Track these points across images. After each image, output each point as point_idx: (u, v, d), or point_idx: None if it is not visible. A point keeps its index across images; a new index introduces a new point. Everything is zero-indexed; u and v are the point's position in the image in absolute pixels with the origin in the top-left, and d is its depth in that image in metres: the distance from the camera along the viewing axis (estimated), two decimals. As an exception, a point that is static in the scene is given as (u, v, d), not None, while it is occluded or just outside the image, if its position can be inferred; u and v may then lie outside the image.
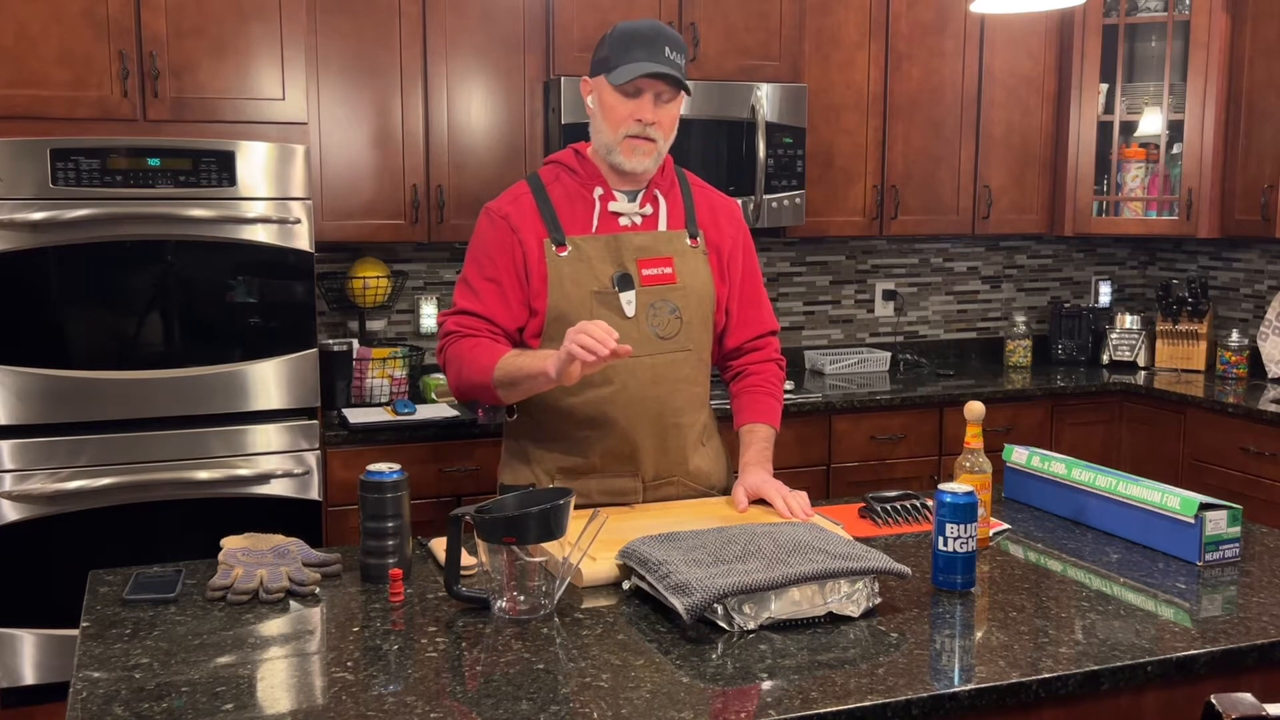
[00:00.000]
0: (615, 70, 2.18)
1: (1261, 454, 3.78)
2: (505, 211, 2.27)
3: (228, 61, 3.27)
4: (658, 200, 2.31)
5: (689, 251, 2.31)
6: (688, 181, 2.39)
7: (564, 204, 2.27)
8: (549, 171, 2.33)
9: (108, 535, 3.18)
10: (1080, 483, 2.30)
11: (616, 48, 2.19)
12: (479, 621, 1.78)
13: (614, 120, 2.21)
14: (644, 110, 2.19)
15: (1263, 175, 4.14)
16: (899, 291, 4.75)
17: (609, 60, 2.20)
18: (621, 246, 2.26)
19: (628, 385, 2.25)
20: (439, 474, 3.50)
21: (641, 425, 2.28)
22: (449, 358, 2.26)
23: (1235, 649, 1.70)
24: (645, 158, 2.23)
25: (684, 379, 2.32)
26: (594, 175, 2.29)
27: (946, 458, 4.06)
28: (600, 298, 2.23)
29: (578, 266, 2.23)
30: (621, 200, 2.28)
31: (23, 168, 3.03)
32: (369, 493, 1.93)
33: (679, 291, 2.29)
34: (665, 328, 2.27)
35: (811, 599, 1.74)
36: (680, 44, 2.22)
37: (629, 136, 2.20)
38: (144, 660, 1.63)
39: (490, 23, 3.70)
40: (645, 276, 2.26)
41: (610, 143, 2.23)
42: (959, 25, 4.31)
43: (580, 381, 2.22)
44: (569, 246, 2.24)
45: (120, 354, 3.18)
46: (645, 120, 2.20)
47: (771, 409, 2.40)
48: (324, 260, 3.82)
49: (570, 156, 2.33)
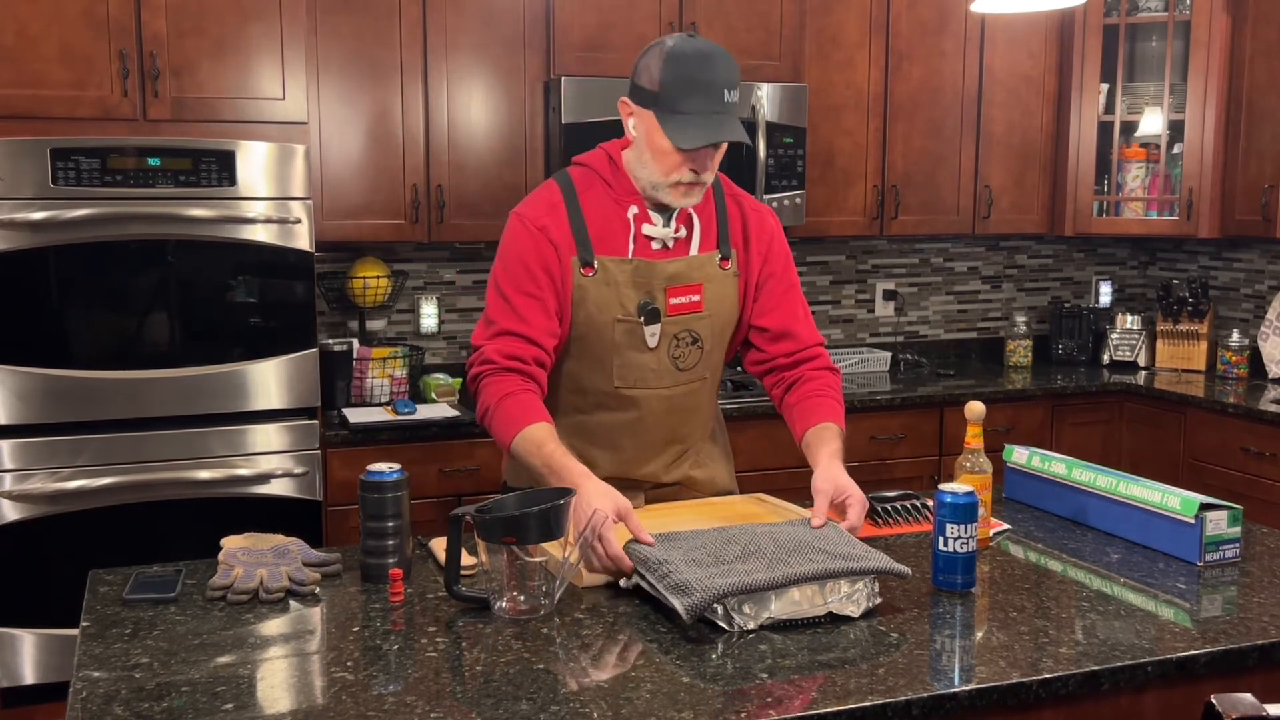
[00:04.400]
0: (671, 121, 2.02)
1: (1262, 454, 3.78)
2: (543, 223, 2.12)
3: (228, 61, 3.27)
4: (692, 220, 2.19)
5: (719, 276, 2.21)
6: (724, 192, 2.26)
7: (596, 220, 2.14)
8: (581, 177, 2.18)
9: (108, 535, 3.18)
10: (1080, 483, 2.30)
11: (668, 84, 2.01)
12: (479, 621, 1.77)
13: (665, 166, 2.06)
14: (701, 162, 2.06)
15: (1263, 175, 4.14)
16: (899, 291, 4.75)
17: (659, 98, 2.02)
18: (652, 274, 2.15)
19: (644, 416, 2.21)
20: (439, 474, 3.50)
21: (652, 449, 2.25)
22: (482, 391, 2.10)
23: (1235, 649, 1.69)
24: (695, 199, 2.13)
25: (696, 408, 2.28)
26: (628, 191, 2.15)
27: (947, 458, 4.06)
28: (624, 327, 2.15)
29: (604, 291, 2.13)
30: (657, 223, 2.16)
31: (23, 167, 3.03)
32: (369, 493, 1.93)
33: (704, 320, 2.21)
34: (685, 359, 2.21)
35: (811, 599, 1.74)
36: (735, 77, 2.05)
37: (681, 183, 2.08)
38: (144, 660, 1.63)
39: (490, 22, 3.70)
40: (672, 306, 2.17)
41: (658, 183, 2.09)
42: (959, 25, 4.31)
43: (597, 406, 2.21)
44: (596, 268, 2.12)
45: (120, 354, 3.18)
46: (700, 171, 2.08)
47: (837, 412, 2.21)
48: (324, 260, 3.82)
49: (604, 164, 2.17)
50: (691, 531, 1.92)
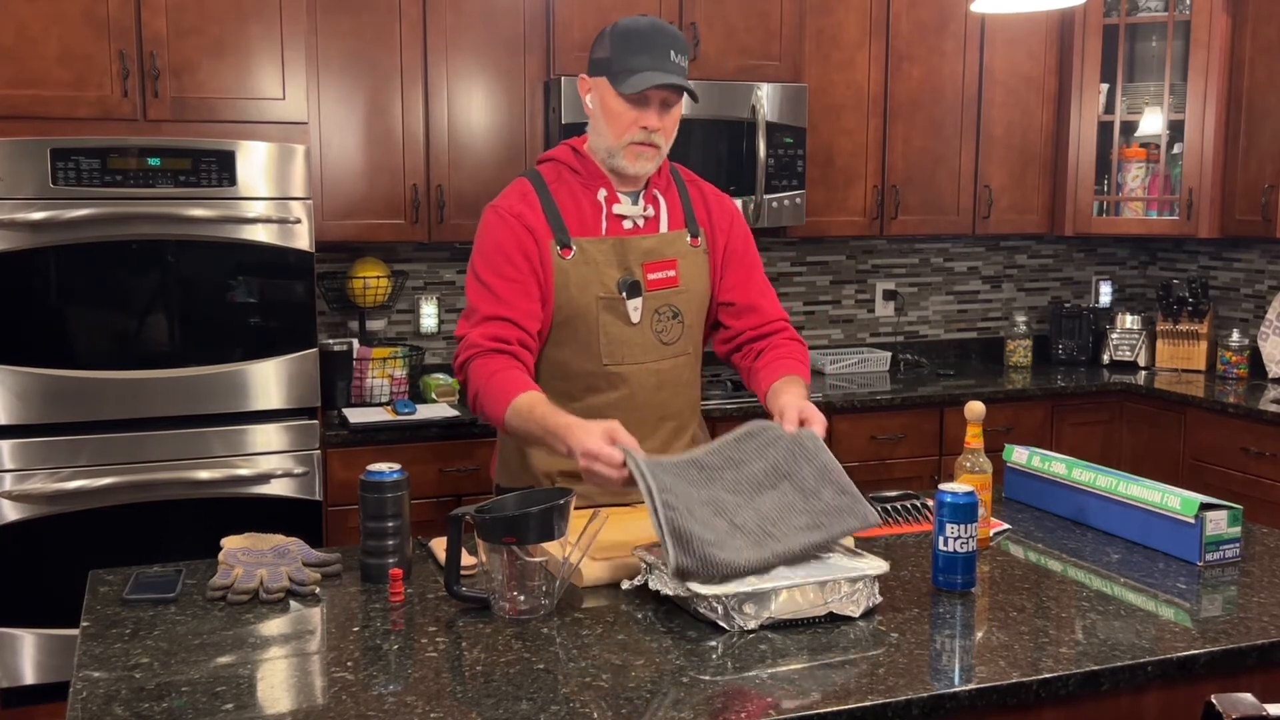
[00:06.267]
0: (621, 78, 2.14)
1: (1262, 454, 3.78)
2: (518, 210, 2.20)
3: (228, 61, 3.27)
4: (658, 200, 2.29)
5: (691, 252, 2.30)
6: (682, 178, 2.37)
7: (569, 205, 2.24)
8: (549, 170, 2.28)
9: (108, 535, 3.18)
10: (1080, 483, 2.30)
11: (619, 50, 2.14)
12: (479, 621, 1.78)
13: (618, 127, 2.17)
14: (650, 118, 2.16)
15: (1263, 175, 4.14)
16: (899, 291, 4.75)
17: (611, 63, 2.15)
18: (628, 250, 2.24)
19: (634, 392, 2.26)
20: (439, 474, 3.50)
21: (644, 428, 2.26)
22: (470, 375, 2.16)
23: (1235, 649, 1.70)
24: (649, 163, 2.21)
25: (684, 382, 2.33)
26: (596, 175, 2.25)
27: (947, 458, 4.06)
28: (606, 304, 2.22)
29: (584, 271, 2.21)
30: (626, 202, 2.26)
31: (23, 168, 3.03)
32: (369, 493, 1.93)
33: (682, 295, 2.28)
34: (668, 333, 2.28)
35: (812, 599, 1.74)
36: (683, 43, 2.17)
37: (634, 143, 2.18)
38: (144, 660, 1.63)
39: (490, 22, 3.70)
40: (651, 281, 2.24)
41: (613, 147, 2.19)
42: (959, 25, 4.31)
43: (586, 389, 2.25)
44: (573, 249, 2.21)
45: (120, 354, 3.18)
46: (651, 128, 2.17)
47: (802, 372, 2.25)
48: (324, 260, 3.82)
49: (569, 155, 2.27)
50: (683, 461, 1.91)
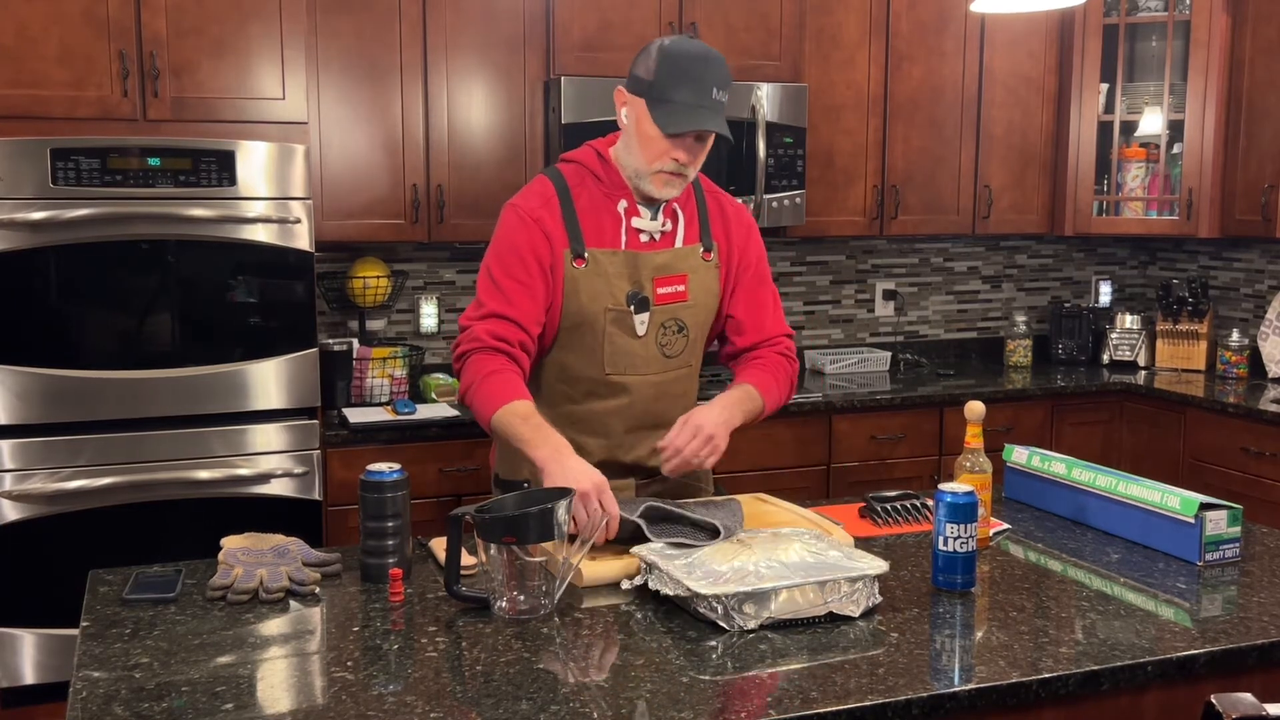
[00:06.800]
0: (660, 108, 2.13)
1: (1261, 454, 3.78)
2: (538, 215, 2.21)
3: (228, 61, 3.27)
4: (676, 214, 2.30)
5: (702, 267, 2.32)
6: (702, 189, 2.38)
7: (589, 214, 2.24)
8: (573, 173, 2.28)
9: (108, 535, 3.18)
10: (1080, 483, 2.30)
11: (662, 74, 2.12)
12: (479, 621, 1.78)
13: (650, 153, 2.17)
14: (682, 153, 2.17)
15: (1263, 175, 4.14)
16: (899, 291, 4.75)
17: (652, 88, 2.13)
18: (640, 264, 2.25)
19: (634, 401, 2.29)
20: (439, 474, 3.50)
21: (639, 434, 2.32)
22: (466, 368, 2.19)
23: (1235, 649, 1.70)
24: (675, 190, 2.22)
25: (681, 394, 2.37)
26: (618, 185, 2.25)
27: (947, 458, 4.06)
28: (614, 316, 2.24)
29: (595, 282, 2.22)
30: (645, 216, 2.26)
31: (23, 168, 3.03)
32: (369, 492, 1.93)
33: (690, 309, 2.31)
34: (672, 346, 2.31)
35: (811, 599, 1.74)
36: (726, 77, 2.16)
37: (664, 171, 2.18)
38: (144, 660, 1.63)
39: (490, 22, 3.70)
40: (660, 295, 2.27)
41: (642, 170, 2.19)
42: (959, 25, 4.31)
43: (588, 394, 2.28)
44: (587, 259, 2.22)
45: (120, 354, 3.18)
46: (682, 161, 2.18)
47: (763, 380, 2.31)
48: (324, 260, 3.82)
49: (594, 159, 2.27)
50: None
